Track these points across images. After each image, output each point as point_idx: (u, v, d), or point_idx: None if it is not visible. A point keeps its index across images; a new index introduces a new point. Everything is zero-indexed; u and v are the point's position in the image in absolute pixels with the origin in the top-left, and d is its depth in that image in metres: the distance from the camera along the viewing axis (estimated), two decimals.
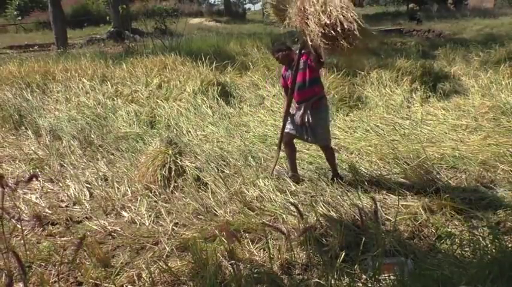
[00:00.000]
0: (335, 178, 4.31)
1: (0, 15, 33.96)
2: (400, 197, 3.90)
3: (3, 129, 6.42)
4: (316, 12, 3.27)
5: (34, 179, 2.82)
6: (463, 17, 24.41)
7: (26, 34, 24.56)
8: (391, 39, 15.55)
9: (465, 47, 11.82)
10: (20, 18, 30.10)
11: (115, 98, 7.45)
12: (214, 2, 52.07)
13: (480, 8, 31.08)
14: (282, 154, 4.55)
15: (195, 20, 25.33)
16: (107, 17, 19.19)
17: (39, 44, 18.40)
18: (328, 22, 3.19)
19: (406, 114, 6.75)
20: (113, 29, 19.08)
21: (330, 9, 3.23)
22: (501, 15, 24.36)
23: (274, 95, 7.53)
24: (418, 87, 7.87)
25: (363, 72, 8.49)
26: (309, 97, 4.10)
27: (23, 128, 6.35)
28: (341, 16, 3.18)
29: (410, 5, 41.47)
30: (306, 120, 4.12)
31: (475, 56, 10.27)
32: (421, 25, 22.06)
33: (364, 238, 2.80)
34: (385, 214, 3.67)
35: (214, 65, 8.71)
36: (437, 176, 4.37)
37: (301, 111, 4.12)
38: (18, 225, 3.51)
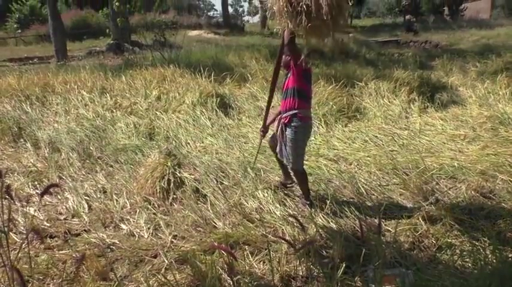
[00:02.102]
0: (307, 204, 4.01)
1: (0, 28, 34.16)
2: (399, 207, 3.90)
3: (2, 141, 6.41)
4: None
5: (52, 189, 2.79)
6: (460, 28, 24.59)
7: (26, 47, 24.67)
8: (389, 50, 15.67)
9: (462, 57, 11.92)
10: (19, 31, 30.25)
11: (114, 110, 7.46)
12: (213, 14, 52.46)
13: (476, 19, 31.37)
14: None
15: (194, 32, 25.45)
16: (107, 30, 19.28)
17: (38, 56, 18.48)
18: None
19: (405, 125, 6.77)
20: (112, 41, 19.18)
21: None
22: (497, 26, 24.56)
23: (273, 106, 7.51)
24: (416, 97, 7.91)
25: (361, 83, 8.54)
26: (285, 109, 3.87)
27: (22, 140, 6.34)
28: None
29: (407, 17, 41.77)
30: (279, 134, 3.96)
31: (472, 67, 10.34)
32: (418, 36, 22.22)
33: (364, 250, 2.79)
34: (385, 225, 3.66)
35: (213, 76, 8.75)
36: (437, 187, 4.37)
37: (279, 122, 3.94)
38: (16, 238, 3.50)
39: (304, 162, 5.13)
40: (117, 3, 12.60)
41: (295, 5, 3.16)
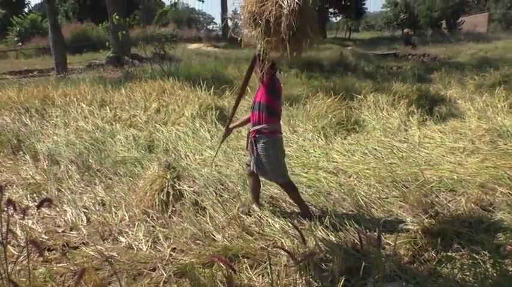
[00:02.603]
0: (306, 218, 3.96)
1: (1, 41, 34.36)
2: (399, 220, 3.88)
3: (1, 154, 6.41)
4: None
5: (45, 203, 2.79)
6: (457, 42, 24.77)
7: (26, 60, 24.79)
8: (387, 63, 15.76)
9: (460, 70, 11.99)
10: (20, 44, 30.43)
11: (113, 123, 7.47)
12: (213, 27, 52.77)
13: (474, 33, 31.64)
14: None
15: (194, 46, 25.60)
16: (107, 43, 19.40)
17: (38, 69, 18.58)
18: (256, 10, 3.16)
19: (404, 138, 6.78)
20: (112, 54, 19.28)
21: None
22: (495, 39, 24.75)
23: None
24: (415, 110, 7.94)
25: (359, 96, 8.58)
26: (253, 122, 3.90)
27: (21, 152, 6.34)
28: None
29: (405, 30, 42.06)
30: (249, 148, 3.96)
31: (470, 80, 10.40)
32: (416, 49, 22.37)
33: (364, 263, 2.77)
34: (384, 237, 3.65)
35: (212, 89, 8.78)
36: (436, 199, 4.37)
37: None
38: (14, 251, 3.48)
39: (303, 174, 5.16)
40: (117, 17, 12.71)
41: (257, 18, 3.21)
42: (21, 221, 4.14)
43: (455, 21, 43.13)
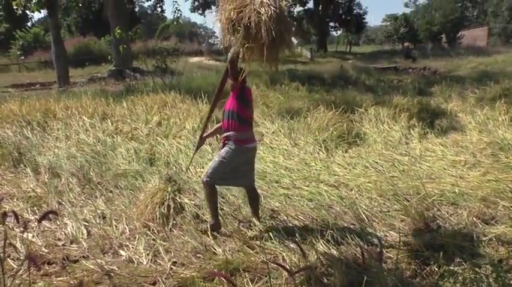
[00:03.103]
0: (214, 231, 4.00)
1: (4, 54, 34.61)
2: (401, 234, 3.86)
3: (2, 167, 6.41)
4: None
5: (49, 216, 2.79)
6: (457, 55, 24.94)
7: (29, 73, 24.96)
8: (388, 77, 15.83)
9: (461, 84, 12.04)
10: (23, 57, 30.64)
11: (115, 136, 7.48)
12: (214, 41, 53.15)
13: (474, 46, 31.86)
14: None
15: (195, 59, 25.80)
16: (109, 56, 19.54)
17: (41, 82, 18.70)
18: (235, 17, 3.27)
19: (405, 151, 6.77)
20: (114, 67, 19.42)
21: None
22: (494, 53, 24.89)
23: (273, 132, 7.59)
24: (416, 123, 7.95)
25: (360, 109, 8.60)
26: (224, 129, 3.98)
27: (22, 165, 6.33)
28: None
29: (406, 44, 42.39)
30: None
31: (470, 93, 10.44)
32: (417, 63, 22.53)
33: (365, 277, 2.75)
34: (386, 251, 3.62)
35: None
36: (438, 213, 4.35)
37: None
38: (13, 264, 3.46)
39: (305, 188, 5.15)
40: (119, 31, 12.82)
41: (236, 24, 3.30)
42: (22, 234, 4.13)
43: (455, 35, 43.48)
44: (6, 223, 2.60)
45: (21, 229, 2.60)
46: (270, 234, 3.92)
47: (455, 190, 4.85)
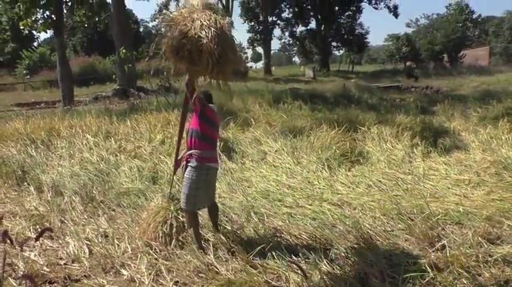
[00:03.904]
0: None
1: (10, 74, 35.00)
2: (405, 254, 3.83)
3: (6, 185, 6.42)
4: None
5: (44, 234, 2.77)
6: (459, 74, 25.04)
7: (34, 92, 25.19)
8: (390, 96, 15.89)
9: (463, 103, 12.05)
10: (28, 76, 30.96)
11: (118, 154, 7.50)
12: None
13: (475, 66, 32.01)
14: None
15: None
16: (113, 76, 19.71)
17: (46, 101, 18.84)
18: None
19: (408, 169, 6.75)
20: (118, 86, 19.57)
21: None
22: (496, 72, 24.99)
23: (276, 151, 7.59)
24: (419, 142, 7.94)
25: (363, 128, 8.61)
26: (187, 148, 4.04)
27: (26, 184, 6.35)
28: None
29: (408, 63, 42.62)
30: (182, 174, 4.08)
31: (473, 112, 10.44)
32: (419, 82, 22.61)
33: None
34: (390, 271, 3.58)
35: None
36: (443, 232, 4.31)
37: None
38: (14, 283, 3.44)
39: (308, 206, 5.12)
40: (124, 50, 12.98)
41: (180, 51, 3.48)
42: (23, 253, 4.11)
43: (457, 55, 43.73)
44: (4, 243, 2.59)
45: (19, 247, 2.59)
46: (273, 253, 3.89)
47: (459, 209, 4.82)
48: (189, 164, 3.98)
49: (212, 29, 3.40)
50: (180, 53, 3.48)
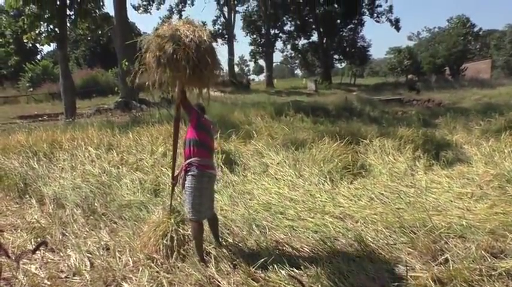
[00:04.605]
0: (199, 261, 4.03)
1: (13, 86, 35.20)
2: (408, 267, 3.80)
3: (8, 197, 6.42)
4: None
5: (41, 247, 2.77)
6: (461, 87, 25.10)
7: (36, 104, 25.29)
8: (392, 108, 15.92)
9: (465, 116, 12.06)
10: (31, 89, 31.12)
11: (120, 166, 7.50)
12: (219, 73, 53.88)
13: (477, 79, 32.10)
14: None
15: None
16: (115, 88, 19.81)
17: (48, 114, 18.91)
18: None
19: (411, 182, 6.73)
20: (120, 99, 19.66)
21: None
22: (498, 85, 25.04)
23: (278, 163, 7.58)
24: (421, 155, 7.93)
25: (365, 141, 8.61)
26: (185, 158, 4.06)
27: (27, 196, 6.35)
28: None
29: (409, 76, 42.78)
30: (181, 182, 4.11)
31: (475, 125, 10.44)
32: (421, 95, 22.66)
33: None
34: (393, 285, 3.55)
35: (219, 133, 8.85)
36: (446, 246, 4.28)
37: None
38: None
39: (310, 219, 5.11)
40: (126, 63, 13.05)
41: (159, 59, 3.75)
42: (24, 266, 4.09)
43: (459, 68, 43.89)
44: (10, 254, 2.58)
45: (15, 260, 2.59)
46: (275, 266, 3.87)
47: (462, 222, 4.79)
48: (189, 173, 3.98)
49: (189, 37, 3.68)
50: (159, 61, 3.73)
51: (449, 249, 4.20)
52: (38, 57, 44.65)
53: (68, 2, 16.69)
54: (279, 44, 51.29)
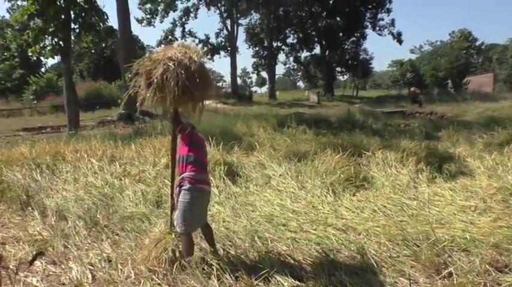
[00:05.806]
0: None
1: (17, 99, 35.43)
2: (411, 280, 3.77)
3: (10, 210, 6.42)
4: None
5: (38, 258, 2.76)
6: (464, 100, 25.15)
7: (40, 117, 25.41)
8: (395, 121, 15.93)
9: (468, 129, 12.06)
10: (35, 102, 31.30)
11: (123, 178, 7.50)
12: (222, 85, 54.20)
13: (480, 92, 32.17)
14: None
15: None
16: (118, 100, 19.92)
17: (52, 126, 19.00)
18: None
19: (413, 195, 6.70)
20: (123, 111, 19.74)
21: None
22: (501, 99, 25.08)
23: (280, 175, 7.58)
24: (424, 167, 7.91)
25: (368, 153, 8.60)
26: (179, 174, 4.13)
27: (30, 208, 6.34)
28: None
29: (412, 89, 42.92)
30: (176, 197, 4.14)
31: (478, 138, 10.44)
32: (423, 107, 22.69)
33: None
34: None
35: (221, 145, 8.87)
36: (449, 259, 4.25)
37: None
38: None
39: (312, 231, 5.08)
40: (129, 75, 13.15)
41: (150, 79, 3.86)
42: (26, 279, 4.08)
43: (461, 81, 44.01)
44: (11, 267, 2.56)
45: (14, 272, 2.58)
46: (277, 278, 3.84)
47: (466, 235, 4.76)
48: (182, 188, 4.05)
49: (179, 59, 3.77)
50: (150, 80, 3.83)
51: (453, 262, 4.17)
52: (42, 70, 45.04)
53: (72, 16, 16.85)
54: (281, 57, 51.63)
